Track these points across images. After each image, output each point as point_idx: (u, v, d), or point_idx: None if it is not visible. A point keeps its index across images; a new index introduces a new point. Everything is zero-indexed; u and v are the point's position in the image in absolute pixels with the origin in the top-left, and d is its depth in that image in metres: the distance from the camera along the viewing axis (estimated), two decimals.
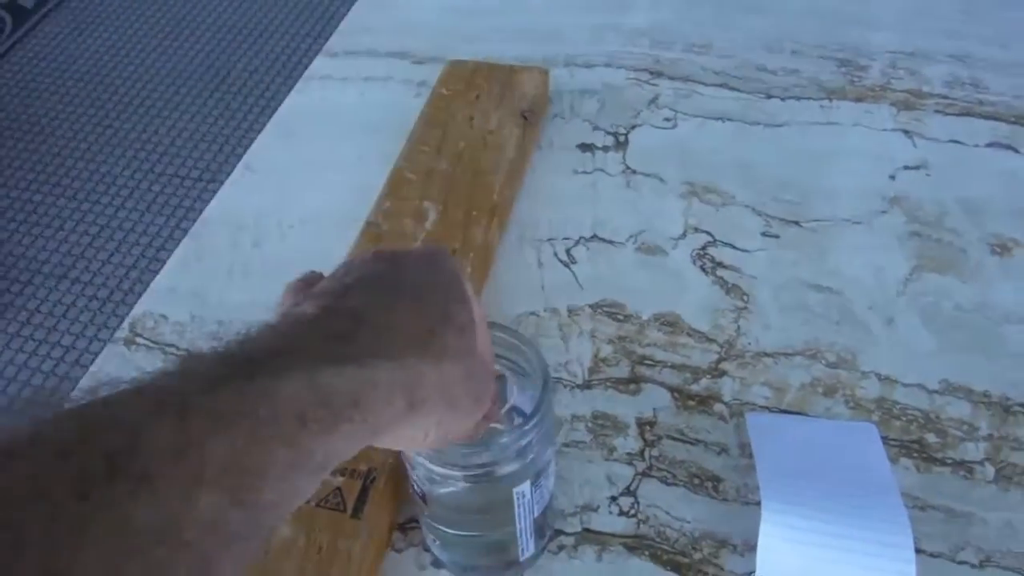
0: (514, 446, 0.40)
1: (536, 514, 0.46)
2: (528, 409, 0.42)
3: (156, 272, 0.67)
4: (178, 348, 0.62)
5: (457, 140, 0.69)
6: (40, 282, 1.62)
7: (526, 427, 0.40)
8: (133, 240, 1.69)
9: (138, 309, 0.65)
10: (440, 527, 0.47)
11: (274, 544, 0.47)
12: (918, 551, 0.49)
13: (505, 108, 0.71)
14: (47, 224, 1.72)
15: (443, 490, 0.43)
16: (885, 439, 0.55)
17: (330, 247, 0.63)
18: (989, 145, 0.74)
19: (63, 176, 1.76)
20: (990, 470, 0.54)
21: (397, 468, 0.50)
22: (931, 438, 0.55)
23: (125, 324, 0.64)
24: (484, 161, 0.67)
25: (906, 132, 0.75)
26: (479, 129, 0.69)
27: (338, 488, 0.49)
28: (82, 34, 2.04)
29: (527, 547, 0.48)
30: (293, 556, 0.47)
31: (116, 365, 0.61)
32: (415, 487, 0.45)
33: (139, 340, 0.62)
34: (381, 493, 0.49)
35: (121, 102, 1.90)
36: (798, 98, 0.79)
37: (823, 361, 0.60)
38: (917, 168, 0.72)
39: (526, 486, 0.43)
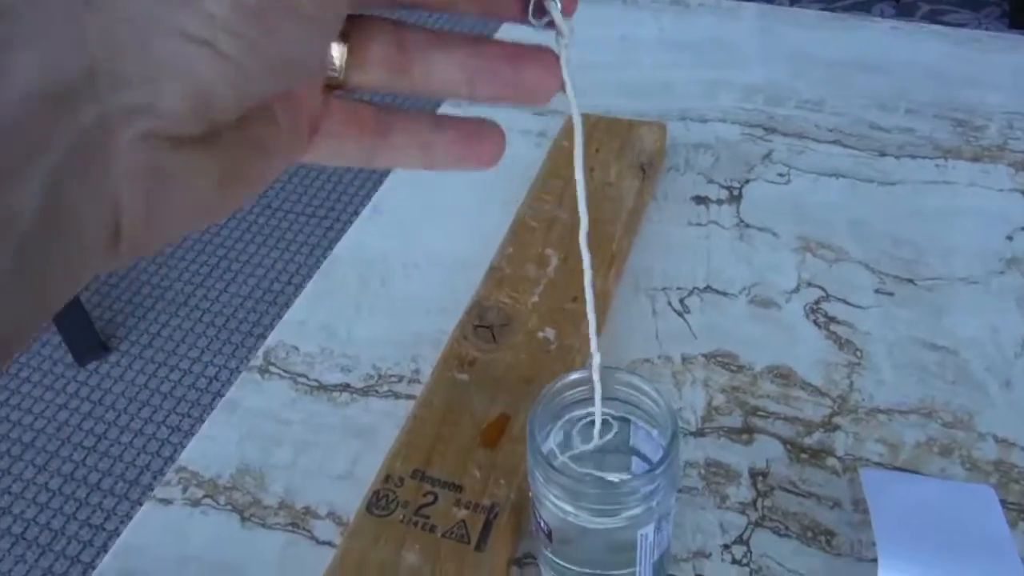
0: (643, 491, 0.42)
1: (655, 557, 0.47)
2: (652, 455, 0.44)
3: (271, 302, 0.71)
4: (308, 378, 0.65)
5: (573, 193, 0.71)
6: (161, 308, 1.71)
7: (656, 471, 0.42)
8: (249, 271, 1.77)
9: (272, 340, 0.69)
10: (561, 563, 0.49)
11: (402, 570, 0.50)
12: None
13: (624, 161, 0.74)
14: (171, 253, 1.82)
15: (568, 528, 0.45)
16: (1004, 502, 0.55)
17: (454, 288, 0.66)
18: None
19: None
20: None
21: (519, 503, 0.53)
22: None
23: (260, 353, 0.68)
24: (604, 212, 0.69)
25: (1021, 191, 0.75)
26: (599, 181, 0.72)
27: (463, 521, 0.52)
28: None
29: None
30: (414, 566, 0.49)
31: (250, 391, 0.65)
32: (541, 524, 0.47)
33: (272, 369, 0.67)
34: (504, 528, 0.52)
35: None
36: (913, 156, 0.79)
37: (939, 421, 0.60)
38: None
39: (650, 529, 0.45)
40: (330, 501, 0.57)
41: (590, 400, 0.45)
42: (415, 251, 0.74)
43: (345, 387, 0.65)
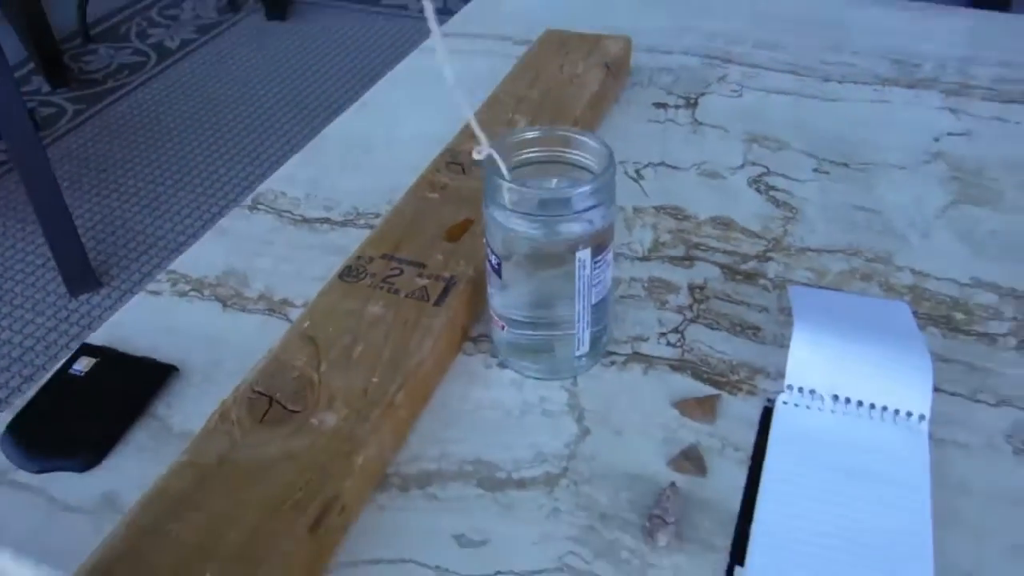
0: (577, 202, 0.48)
1: (593, 300, 0.53)
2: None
3: None
4: (292, 213, 0.72)
5: (547, 79, 0.79)
6: (154, 253, 1.78)
7: (588, 188, 0.48)
8: None
9: (261, 188, 0.75)
10: (509, 315, 0.54)
11: (366, 317, 0.55)
12: (938, 390, 0.54)
13: (591, 60, 0.82)
14: (166, 209, 1.90)
15: (515, 255, 0.51)
16: (915, 313, 0.60)
17: (431, 155, 0.73)
18: None
19: (184, 174, 1.94)
20: (1012, 340, 0.59)
21: (476, 279, 0.58)
22: (959, 315, 0.61)
23: (248, 197, 0.74)
24: (569, 95, 0.77)
25: (952, 110, 0.83)
26: (567, 73, 0.80)
27: (424, 286, 0.57)
28: (217, 66, 2.24)
29: (583, 341, 0.55)
30: (380, 327, 0.55)
31: (239, 220, 0.71)
32: (491, 260, 0.53)
33: (259, 207, 0.73)
34: (460, 293, 0.57)
35: (236, 122, 2.05)
36: (855, 82, 0.87)
37: (862, 257, 0.66)
38: (961, 134, 0.79)
39: (587, 254, 0.51)
40: (306, 294, 0.63)
41: (543, 163, 0.52)
42: (398, 131, 0.81)
43: (326, 220, 0.71)
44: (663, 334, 0.60)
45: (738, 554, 0.46)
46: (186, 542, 0.43)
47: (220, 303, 0.63)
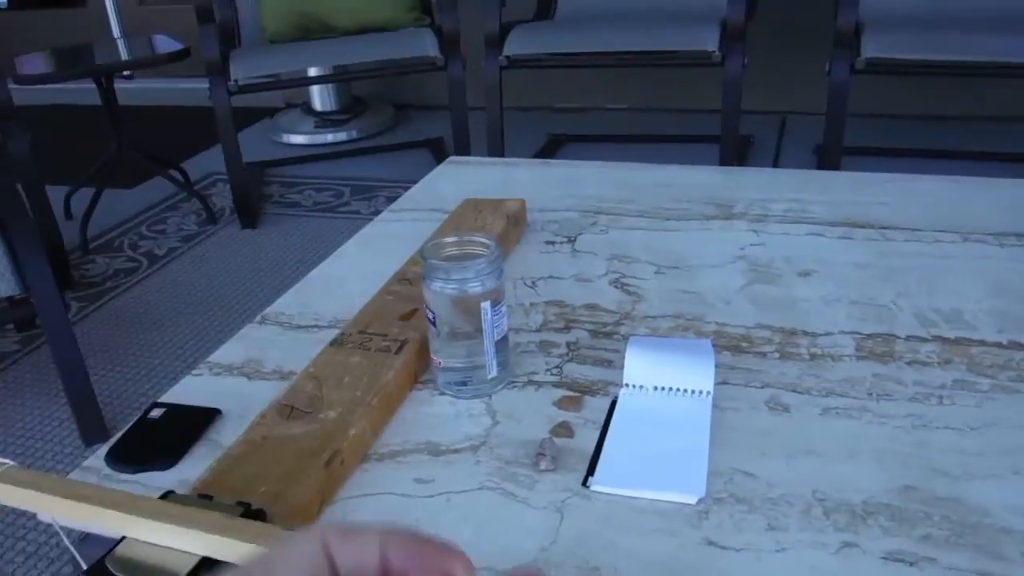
0: (485, 271, 0.80)
1: (496, 336, 0.83)
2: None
3: None
4: (291, 324, 1.01)
5: (464, 228, 1.13)
6: None
7: (483, 264, 0.80)
8: None
9: (267, 310, 1.05)
10: (443, 354, 0.84)
11: (350, 363, 0.84)
12: (726, 383, 0.85)
13: (496, 214, 1.16)
14: (161, 378, 2.11)
15: (440, 310, 0.82)
16: (715, 345, 0.91)
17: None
18: (806, 234, 1.16)
19: (178, 353, 2.15)
20: (776, 355, 0.90)
21: (422, 341, 0.88)
22: (744, 344, 0.92)
23: (258, 316, 1.04)
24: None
25: (755, 232, 1.18)
26: (479, 223, 1.14)
27: (387, 345, 0.87)
28: (200, 267, 2.54)
29: (492, 367, 0.84)
30: (360, 367, 0.84)
31: (252, 331, 1.01)
32: (429, 315, 0.83)
33: (267, 322, 1.02)
34: (411, 348, 0.87)
35: (221, 311, 2.33)
36: (687, 219, 1.23)
37: (684, 318, 0.98)
38: (758, 245, 1.14)
39: (488, 304, 0.81)
40: None
41: (456, 257, 0.83)
42: (364, 269, 1.13)
43: (315, 326, 1.01)
44: (548, 370, 0.90)
45: (591, 471, 0.74)
46: (247, 474, 0.70)
47: (245, 377, 0.92)
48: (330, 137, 3.30)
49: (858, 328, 0.94)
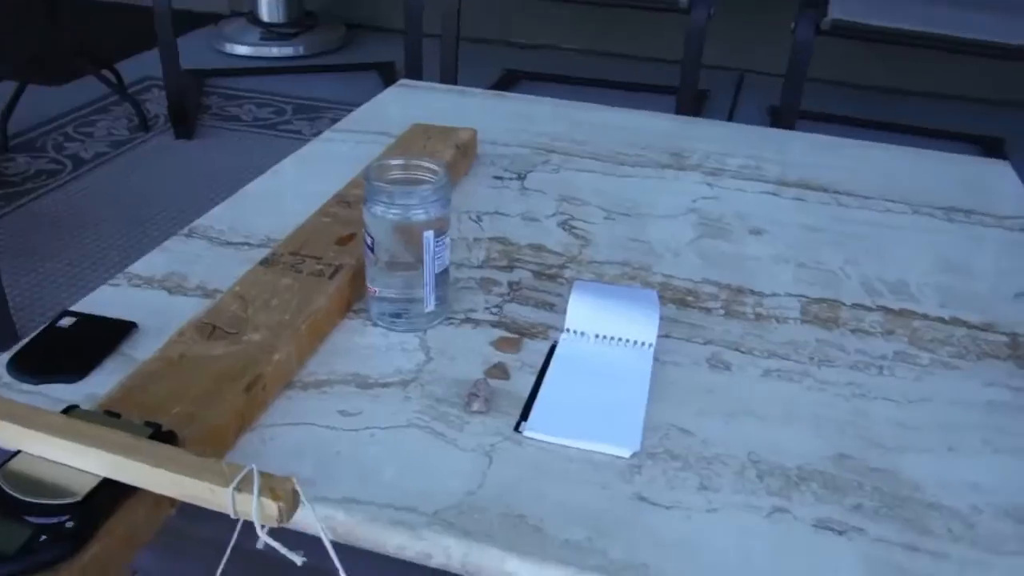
0: (424, 197, 0.75)
1: (437, 269, 0.79)
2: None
3: None
4: (220, 239, 0.96)
5: (411, 155, 1.07)
6: None
7: (430, 191, 0.75)
8: None
9: (195, 222, 0.99)
10: (380, 282, 0.80)
11: (279, 285, 0.79)
12: (669, 336, 0.82)
13: (446, 143, 1.11)
14: (82, 286, 1.99)
15: (382, 233, 0.77)
16: (661, 297, 0.89)
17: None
18: (760, 192, 1.14)
19: (101, 259, 2.09)
20: (721, 311, 0.88)
21: (357, 268, 0.84)
22: (690, 298, 0.90)
23: (186, 228, 0.98)
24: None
25: (708, 184, 1.15)
26: (428, 150, 1.09)
27: (321, 269, 0.82)
28: (129, 175, 2.41)
29: (430, 301, 0.80)
30: (290, 290, 0.79)
31: (178, 244, 0.95)
32: (368, 242, 0.79)
33: (194, 235, 0.97)
34: (346, 274, 0.82)
35: (149, 220, 2.25)
36: (642, 166, 1.19)
37: (631, 266, 0.95)
38: (711, 198, 1.11)
39: (431, 234, 0.77)
40: None
41: (402, 182, 0.79)
42: (302, 188, 1.07)
43: (246, 243, 0.95)
44: (487, 308, 0.86)
45: (524, 416, 0.71)
46: (159, 393, 0.65)
47: (166, 291, 0.86)
48: (276, 51, 3.17)
49: (805, 292, 0.93)
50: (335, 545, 0.55)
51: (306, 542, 0.54)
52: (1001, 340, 0.87)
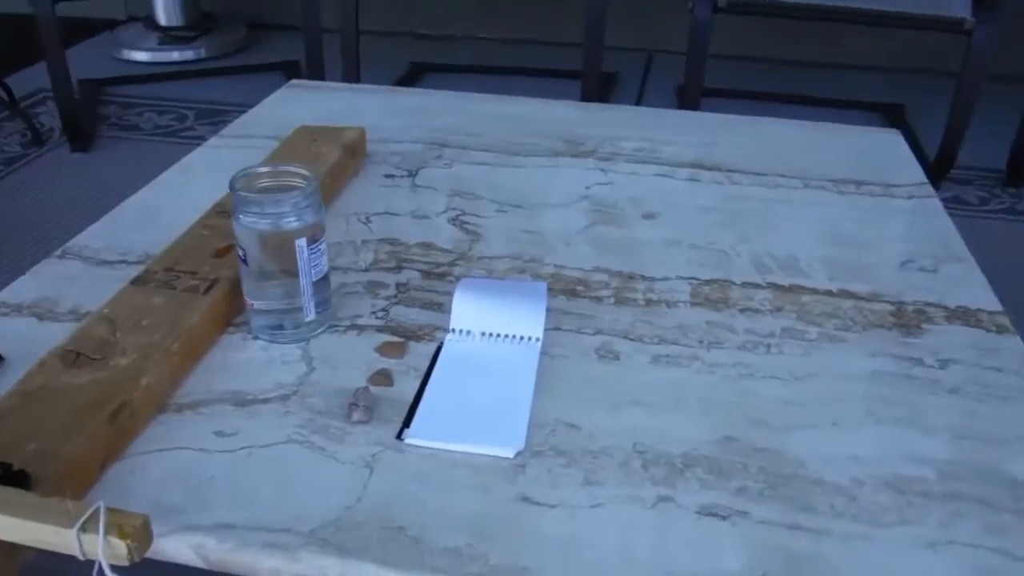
0: (302, 204, 0.73)
1: (315, 276, 0.77)
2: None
3: None
4: (96, 259, 0.92)
5: (296, 158, 1.05)
6: None
7: (306, 191, 0.73)
8: None
9: (70, 243, 0.95)
10: (256, 295, 0.77)
11: (151, 304, 0.76)
12: (558, 329, 0.81)
13: (332, 144, 1.08)
14: None
15: (251, 248, 0.75)
16: (550, 289, 0.88)
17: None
18: (654, 175, 1.13)
19: None
20: (612, 299, 0.87)
21: (235, 280, 0.81)
22: (580, 288, 0.89)
23: (59, 250, 0.94)
24: (314, 167, 1.02)
25: (602, 170, 1.15)
26: (313, 152, 1.06)
27: (196, 284, 0.79)
28: (22, 196, 2.34)
29: (310, 310, 0.78)
30: (162, 309, 0.76)
31: (51, 267, 0.91)
32: (240, 255, 0.76)
33: (68, 256, 0.93)
34: (222, 287, 0.79)
35: (40, 243, 2.17)
36: (535, 155, 1.18)
37: (522, 259, 0.94)
38: (605, 184, 1.11)
39: (304, 242, 0.75)
40: None
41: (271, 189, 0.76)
42: (182, 200, 1.04)
43: (123, 261, 0.92)
44: (374, 312, 0.84)
45: (407, 423, 0.70)
46: (14, 430, 0.62)
47: (36, 318, 0.83)
48: (176, 55, 3.07)
49: (696, 273, 0.93)
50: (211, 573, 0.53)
51: None
52: (887, 309, 0.88)
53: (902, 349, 0.82)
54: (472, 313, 0.79)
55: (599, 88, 2.24)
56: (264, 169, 0.78)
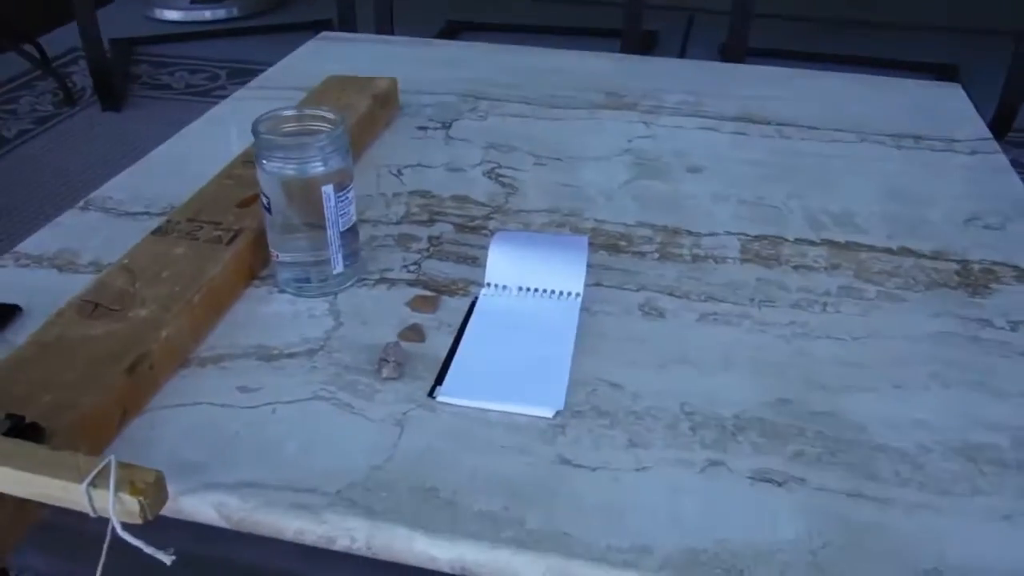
0: (328, 148, 0.69)
1: (343, 226, 0.73)
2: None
3: None
4: (118, 211, 0.89)
5: (326, 105, 1.00)
6: None
7: (324, 140, 0.69)
8: None
9: (93, 194, 0.92)
10: (282, 245, 0.73)
11: (172, 255, 0.73)
12: (600, 285, 0.77)
13: (362, 94, 1.04)
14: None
15: (275, 196, 0.71)
16: (591, 243, 0.83)
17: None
18: (699, 128, 1.08)
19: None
20: (656, 255, 0.82)
21: (260, 231, 0.77)
22: (623, 243, 0.84)
23: (81, 201, 0.91)
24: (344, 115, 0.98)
25: (645, 124, 1.09)
26: (342, 103, 1.01)
27: (219, 235, 0.76)
28: (55, 151, 2.32)
29: (338, 262, 0.74)
30: (183, 260, 0.73)
31: (73, 219, 0.88)
32: (263, 204, 0.72)
33: (91, 208, 0.89)
34: (246, 237, 0.76)
35: (74, 197, 2.16)
36: (574, 108, 1.13)
37: (560, 213, 0.89)
38: (647, 137, 1.05)
39: (331, 188, 0.71)
40: None
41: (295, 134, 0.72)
42: (210, 151, 1.00)
43: (145, 213, 0.89)
44: (405, 266, 0.80)
45: (439, 381, 0.66)
46: (29, 382, 0.59)
47: (57, 269, 0.80)
48: (208, 14, 3.04)
49: (745, 229, 0.87)
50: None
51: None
52: (951, 268, 0.82)
53: (969, 310, 0.76)
54: (508, 267, 0.75)
55: (639, 47, 2.17)
56: (289, 112, 0.74)
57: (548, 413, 0.62)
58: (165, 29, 3.01)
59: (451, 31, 2.89)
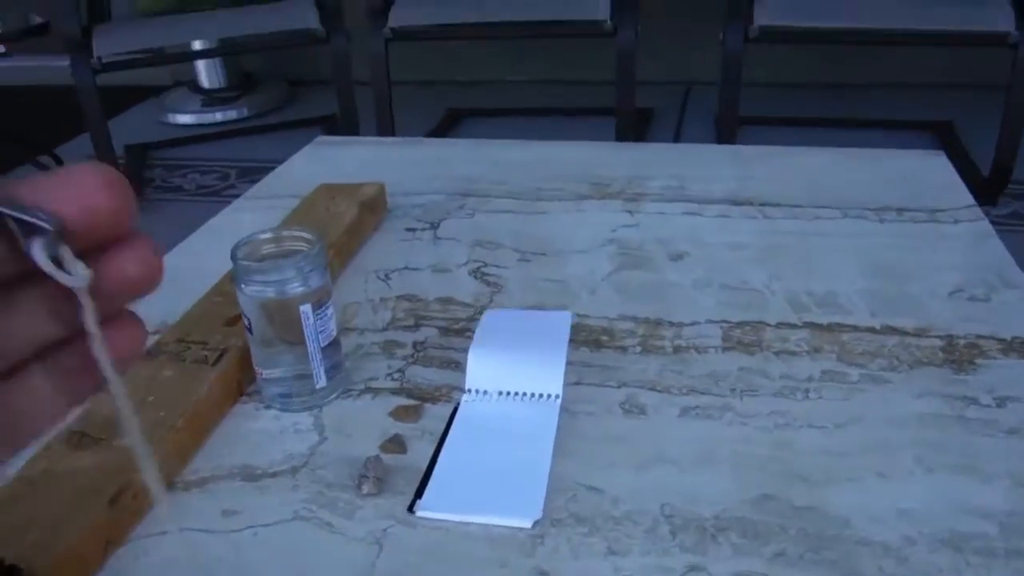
0: (302, 271, 0.71)
1: (323, 342, 0.74)
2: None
3: None
4: None
5: (315, 216, 1.03)
6: None
7: (302, 261, 0.71)
8: None
9: None
10: (265, 363, 0.75)
11: (159, 378, 0.75)
12: (580, 384, 0.77)
13: (350, 201, 1.07)
14: None
15: (255, 316, 0.72)
16: (574, 340, 0.84)
17: None
18: (682, 213, 1.09)
19: None
20: (638, 348, 0.83)
21: (247, 349, 0.79)
22: (605, 338, 0.85)
23: None
24: (330, 226, 1.01)
25: (629, 212, 1.11)
26: (331, 211, 1.04)
27: (205, 355, 0.78)
28: None
29: (320, 377, 0.76)
30: (169, 383, 0.74)
31: None
32: (246, 323, 0.74)
33: None
34: (232, 357, 0.77)
35: None
36: (559, 200, 1.15)
37: (542, 310, 0.90)
38: (631, 226, 1.07)
39: (308, 308, 0.72)
40: None
41: (274, 255, 0.74)
42: (204, 267, 1.02)
43: None
44: (389, 374, 0.81)
45: (419, 494, 0.66)
46: (12, 520, 0.60)
47: None
48: (219, 116, 3.14)
49: (727, 316, 0.88)
50: None
51: None
52: (936, 344, 0.82)
53: (954, 387, 0.76)
54: (488, 372, 0.76)
55: (635, 125, 2.21)
56: (267, 235, 0.76)
57: (527, 523, 0.62)
58: (178, 133, 3.10)
59: (452, 118, 2.95)
